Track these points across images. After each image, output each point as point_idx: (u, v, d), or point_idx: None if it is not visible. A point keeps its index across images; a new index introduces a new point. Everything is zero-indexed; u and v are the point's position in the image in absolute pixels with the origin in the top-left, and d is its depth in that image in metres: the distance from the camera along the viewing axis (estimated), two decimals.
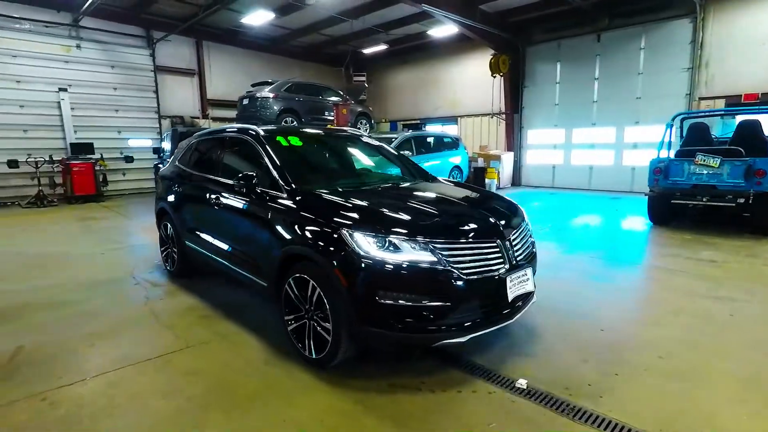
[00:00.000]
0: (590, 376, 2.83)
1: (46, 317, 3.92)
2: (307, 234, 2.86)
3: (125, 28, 13.19)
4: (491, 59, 13.41)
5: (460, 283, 2.60)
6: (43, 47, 11.82)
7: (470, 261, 2.68)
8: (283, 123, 12.92)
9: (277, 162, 3.43)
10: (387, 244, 2.59)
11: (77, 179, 11.49)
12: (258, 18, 12.94)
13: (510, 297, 2.79)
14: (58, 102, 12.08)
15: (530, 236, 3.31)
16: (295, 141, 3.88)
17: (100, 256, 5.98)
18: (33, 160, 11.21)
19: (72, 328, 3.68)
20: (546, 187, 13.96)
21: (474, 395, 2.63)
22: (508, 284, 2.78)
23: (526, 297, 3.01)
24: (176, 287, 4.66)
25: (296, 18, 13.73)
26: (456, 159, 12.54)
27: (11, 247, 6.75)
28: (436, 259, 2.58)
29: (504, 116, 14.56)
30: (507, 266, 2.82)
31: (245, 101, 13.09)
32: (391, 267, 2.54)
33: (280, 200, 3.19)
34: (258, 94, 12.84)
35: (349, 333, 2.67)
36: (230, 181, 3.67)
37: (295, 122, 13.32)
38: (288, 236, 3.01)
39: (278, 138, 3.77)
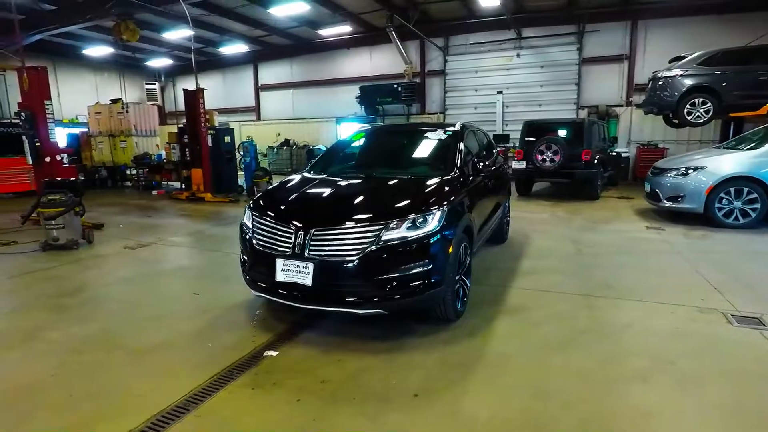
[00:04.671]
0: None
1: None
2: None
3: (557, 29, 14.69)
4: None
5: (252, 248, 3.38)
6: (492, 61, 15.59)
7: (263, 235, 3.33)
8: (687, 106, 10.60)
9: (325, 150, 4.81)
10: (248, 212, 3.71)
11: None
12: None
13: (277, 278, 3.12)
14: (495, 102, 15.62)
15: (367, 242, 3.03)
16: (358, 137, 4.86)
17: None
18: None
19: None
20: None
21: (250, 343, 3.35)
22: (278, 266, 3.12)
23: (312, 290, 3.07)
24: None
25: None
26: None
27: None
28: (251, 227, 3.46)
29: None
30: (288, 252, 3.09)
31: (650, 83, 11.57)
32: (244, 226, 3.68)
33: None
34: (660, 74, 11.06)
35: None
36: None
37: (709, 104, 10.46)
38: None
39: (354, 134, 4.93)
